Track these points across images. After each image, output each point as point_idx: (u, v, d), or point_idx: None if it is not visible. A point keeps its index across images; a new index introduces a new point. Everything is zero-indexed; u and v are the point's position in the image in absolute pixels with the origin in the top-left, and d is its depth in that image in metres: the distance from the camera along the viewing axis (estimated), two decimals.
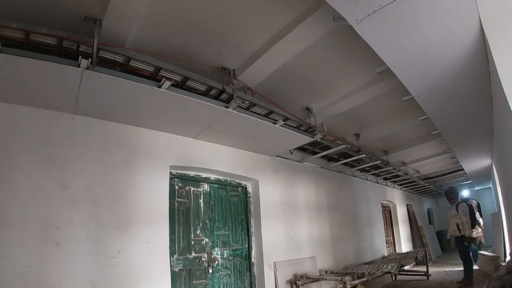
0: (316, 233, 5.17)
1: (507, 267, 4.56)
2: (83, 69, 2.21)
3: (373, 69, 3.22)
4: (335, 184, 6.09)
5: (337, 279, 4.14)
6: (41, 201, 2.45)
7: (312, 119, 4.16)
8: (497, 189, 6.83)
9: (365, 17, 2.12)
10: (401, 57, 2.61)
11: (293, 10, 2.56)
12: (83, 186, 2.69)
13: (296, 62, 3.12)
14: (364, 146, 5.54)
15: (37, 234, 2.37)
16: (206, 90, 3.14)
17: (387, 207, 8.81)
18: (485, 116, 3.81)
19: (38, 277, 2.30)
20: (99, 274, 2.58)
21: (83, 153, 2.76)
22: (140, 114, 2.98)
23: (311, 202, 5.27)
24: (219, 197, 3.94)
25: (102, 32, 2.37)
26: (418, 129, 5.22)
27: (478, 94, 3.24)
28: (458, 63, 2.67)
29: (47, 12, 2.28)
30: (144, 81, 2.54)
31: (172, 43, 2.81)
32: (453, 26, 2.27)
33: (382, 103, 4.28)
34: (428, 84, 3.03)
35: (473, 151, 5.77)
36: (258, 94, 3.52)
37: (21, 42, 2.24)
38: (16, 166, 2.40)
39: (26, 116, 2.54)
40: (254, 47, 2.99)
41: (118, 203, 2.85)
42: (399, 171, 7.17)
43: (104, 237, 2.68)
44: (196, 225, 3.55)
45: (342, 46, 3.05)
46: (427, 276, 6.40)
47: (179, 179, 3.55)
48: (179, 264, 3.27)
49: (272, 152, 4.53)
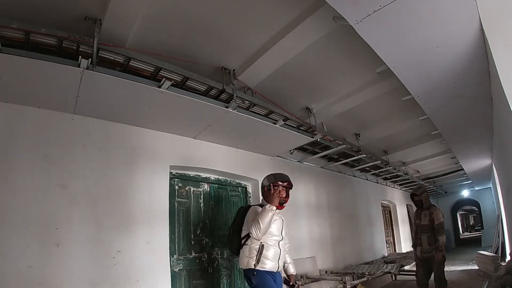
0: (316, 233, 5.17)
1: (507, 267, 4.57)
2: (83, 69, 2.21)
3: (373, 69, 3.22)
4: (335, 184, 6.09)
5: (337, 279, 4.14)
6: (41, 201, 2.44)
7: (312, 119, 4.16)
8: (497, 189, 6.84)
9: (365, 17, 2.12)
10: (401, 57, 2.61)
11: (293, 10, 2.55)
12: (83, 186, 2.68)
13: (296, 62, 3.12)
14: (364, 146, 5.54)
15: (37, 234, 2.37)
16: (206, 90, 3.14)
17: (387, 207, 8.81)
18: (485, 116, 3.81)
19: (38, 277, 2.30)
20: (99, 274, 2.58)
21: (83, 153, 2.76)
22: (140, 114, 2.98)
23: (311, 202, 5.27)
24: (219, 197, 3.93)
25: (102, 32, 2.37)
26: (418, 129, 5.22)
27: (478, 94, 3.24)
28: (458, 63, 2.67)
29: (47, 12, 2.28)
30: (144, 81, 2.54)
31: (172, 43, 2.81)
32: (453, 26, 2.27)
33: (382, 103, 4.28)
34: (428, 84, 3.03)
35: (473, 151, 5.77)
36: (258, 94, 3.52)
37: (21, 42, 2.24)
38: (16, 166, 2.40)
39: (26, 116, 2.54)
40: (254, 47, 2.99)
41: (118, 203, 2.85)
42: (399, 171, 7.17)
43: (104, 237, 2.68)
44: (196, 225, 3.55)
45: (342, 46, 3.05)
46: None
47: (179, 179, 3.55)
48: (179, 264, 3.27)
49: (272, 152, 4.53)
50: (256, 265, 2.40)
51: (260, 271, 2.40)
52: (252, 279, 2.41)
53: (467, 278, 6.13)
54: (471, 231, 23.62)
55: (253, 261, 2.41)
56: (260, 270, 2.40)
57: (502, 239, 7.01)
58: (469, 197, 13.35)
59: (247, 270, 2.45)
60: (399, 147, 6.35)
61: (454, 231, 14.90)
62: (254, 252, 2.43)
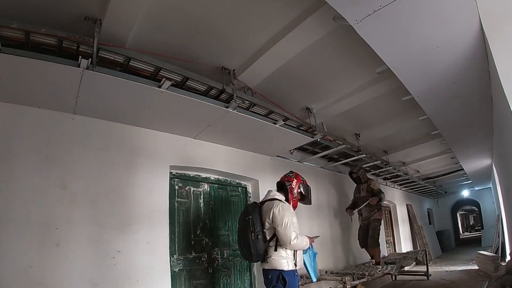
0: (316, 233, 5.16)
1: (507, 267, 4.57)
2: (83, 69, 2.21)
3: (373, 69, 3.22)
4: (335, 184, 6.09)
5: (337, 279, 4.14)
6: (41, 201, 2.44)
7: (312, 119, 4.16)
8: (497, 189, 6.84)
9: (365, 17, 2.12)
10: (401, 57, 2.61)
11: (293, 10, 2.55)
12: (83, 186, 2.68)
13: (296, 62, 3.12)
14: (364, 146, 5.54)
15: (37, 234, 2.37)
16: (206, 90, 3.14)
17: (387, 207, 8.80)
18: (485, 116, 3.81)
19: (38, 277, 2.29)
20: (99, 274, 2.57)
21: (83, 153, 2.76)
22: (140, 114, 2.98)
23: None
24: (219, 197, 3.93)
25: (102, 32, 2.37)
26: (418, 129, 5.22)
27: (478, 94, 3.24)
28: (458, 63, 2.67)
29: (47, 12, 2.28)
30: (144, 81, 2.54)
31: (172, 43, 2.81)
32: (453, 26, 2.27)
33: (382, 103, 4.28)
34: (428, 84, 3.03)
35: (473, 151, 5.77)
36: (258, 94, 3.52)
37: (21, 42, 2.24)
38: (16, 166, 2.40)
39: (26, 116, 2.54)
40: (254, 47, 2.99)
41: (118, 203, 2.85)
42: (399, 171, 7.17)
43: (104, 237, 2.68)
44: (196, 225, 3.55)
45: (342, 46, 3.05)
46: (427, 276, 6.39)
47: (179, 179, 3.55)
48: (179, 264, 3.27)
49: (272, 152, 4.53)
50: (295, 266, 2.46)
51: (295, 271, 2.46)
52: (290, 280, 2.38)
53: (467, 278, 6.13)
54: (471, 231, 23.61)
55: (292, 262, 2.43)
56: (295, 270, 2.46)
57: (502, 239, 7.01)
58: (469, 197, 13.35)
59: (288, 272, 2.40)
60: (399, 147, 6.34)
61: (454, 231, 14.90)
62: (291, 253, 2.44)
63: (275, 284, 2.39)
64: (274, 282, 2.39)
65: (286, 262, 2.40)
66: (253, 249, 2.39)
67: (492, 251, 7.46)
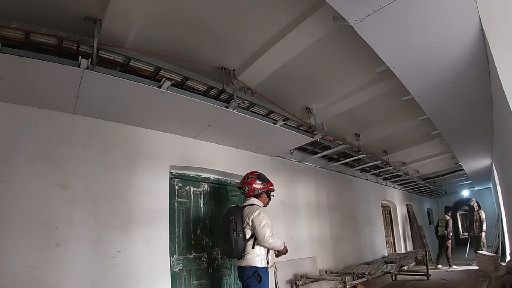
0: (316, 233, 5.17)
1: (507, 267, 4.57)
2: (83, 69, 2.20)
3: (373, 69, 3.22)
4: (335, 184, 6.09)
5: (337, 279, 4.14)
6: (41, 201, 2.44)
7: (312, 119, 4.16)
8: (497, 189, 6.84)
9: (365, 17, 2.12)
10: (401, 57, 2.61)
11: (293, 10, 2.55)
12: (83, 186, 2.68)
13: (296, 62, 3.12)
14: (364, 146, 5.54)
15: (37, 234, 2.36)
16: (206, 90, 3.14)
17: (387, 207, 8.81)
18: (485, 116, 3.81)
19: (38, 277, 2.29)
20: (99, 274, 2.57)
21: (83, 153, 2.76)
22: (140, 114, 2.98)
23: (311, 202, 5.27)
24: (219, 197, 3.93)
25: (102, 32, 2.37)
26: (418, 129, 5.22)
27: (478, 94, 3.24)
28: (458, 63, 2.67)
29: (47, 12, 2.28)
30: (144, 81, 2.54)
31: (172, 43, 2.81)
32: (453, 26, 2.27)
33: (382, 103, 4.28)
34: (428, 84, 3.03)
35: (473, 151, 5.77)
36: (258, 94, 3.52)
37: (21, 42, 2.24)
38: (16, 166, 2.40)
39: (26, 116, 2.54)
40: (254, 47, 2.99)
41: (118, 203, 2.84)
42: (399, 171, 7.17)
43: (104, 237, 2.68)
44: (196, 225, 3.55)
45: (342, 46, 3.05)
46: (427, 276, 6.40)
47: (179, 179, 3.55)
48: (179, 264, 3.27)
49: (272, 152, 4.53)
50: (267, 264, 2.73)
51: (267, 269, 2.74)
52: (264, 276, 2.67)
53: (467, 278, 6.13)
54: None
55: (265, 261, 2.71)
56: (267, 268, 2.74)
57: (502, 239, 7.01)
58: (469, 197, 13.33)
59: (261, 268, 2.67)
60: (399, 147, 6.35)
61: (454, 231, 14.88)
62: (264, 252, 2.73)
63: (252, 281, 2.66)
64: (251, 278, 2.67)
65: (260, 260, 2.68)
66: (234, 245, 2.68)
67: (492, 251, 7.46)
